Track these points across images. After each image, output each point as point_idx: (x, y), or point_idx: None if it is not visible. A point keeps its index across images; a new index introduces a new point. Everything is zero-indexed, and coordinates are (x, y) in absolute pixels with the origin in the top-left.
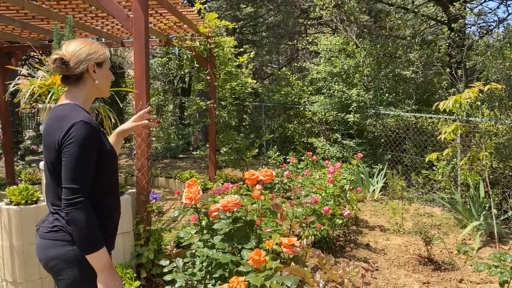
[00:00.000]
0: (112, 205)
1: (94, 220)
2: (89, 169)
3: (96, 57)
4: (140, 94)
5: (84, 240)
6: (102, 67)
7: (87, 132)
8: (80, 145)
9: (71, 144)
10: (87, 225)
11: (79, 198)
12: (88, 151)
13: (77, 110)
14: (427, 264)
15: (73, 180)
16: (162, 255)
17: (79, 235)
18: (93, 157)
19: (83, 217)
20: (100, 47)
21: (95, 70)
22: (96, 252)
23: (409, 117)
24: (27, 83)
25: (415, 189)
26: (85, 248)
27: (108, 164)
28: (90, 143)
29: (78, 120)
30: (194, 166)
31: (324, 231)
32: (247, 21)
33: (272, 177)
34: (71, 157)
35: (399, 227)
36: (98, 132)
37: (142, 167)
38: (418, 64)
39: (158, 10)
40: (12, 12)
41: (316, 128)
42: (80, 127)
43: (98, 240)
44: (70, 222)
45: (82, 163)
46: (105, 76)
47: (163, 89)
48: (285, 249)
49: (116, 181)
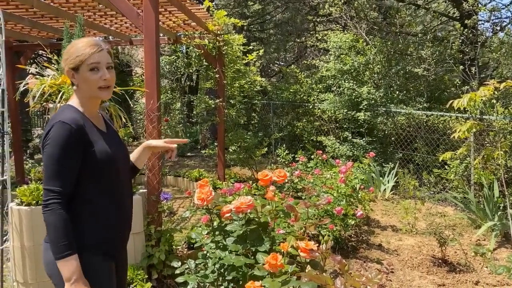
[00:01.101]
0: (110, 208)
1: (67, 224)
2: (67, 170)
3: (70, 62)
4: (151, 93)
5: (53, 244)
6: (78, 71)
7: (64, 132)
8: (56, 146)
9: (48, 145)
10: (57, 229)
11: (52, 200)
12: (64, 152)
13: (64, 111)
14: (442, 265)
15: (49, 181)
16: (173, 255)
17: (50, 239)
18: (72, 158)
19: (54, 219)
20: (75, 48)
21: (73, 75)
22: (63, 259)
23: (420, 115)
24: (37, 83)
25: (427, 188)
26: (54, 252)
27: (103, 167)
28: (67, 143)
29: (56, 121)
30: (202, 165)
31: (336, 231)
32: (254, 18)
33: (286, 178)
34: (47, 158)
35: (411, 227)
36: (82, 133)
37: (153, 167)
38: (430, 61)
39: (167, 8)
40: (22, 10)
41: (326, 126)
42: (57, 127)
43: (67, 246)
44: (45, 224)
45: (58, 164)
46: (83, 80)
47: (170, 87)
48: (303, 254)
49: (116, 184)
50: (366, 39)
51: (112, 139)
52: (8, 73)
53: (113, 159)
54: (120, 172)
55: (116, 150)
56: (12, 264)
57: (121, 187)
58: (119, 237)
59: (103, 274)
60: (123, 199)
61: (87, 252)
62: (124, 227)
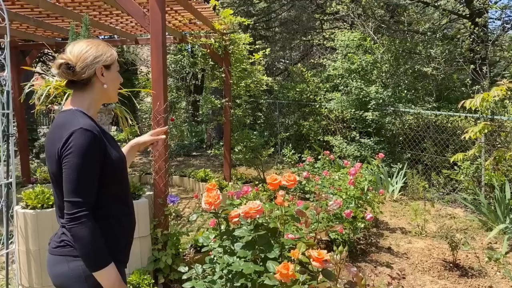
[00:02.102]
0: (122, 215)
1: (99, 235)
2: (92, 180)
3: (104, 59)
4: (158, 94)
5: (90, 257)
6: (110, 69)
7: (87, 139)
8: (80, 155)
9: (70, 154)
10: (91, 241)
11: (81, 212)
12: (89, 160)
13: (78, 117)
14: (453, 269)
15: (74, 193)
16: (180, 260)
17: (84, 252)
18: (95, 166)
19: (87, 232)
20: (107, 48)
21: (103, 73)
22: (103, 269)
23: (429, 115)
24: (43, 84)
25: (436, 189)
26: (91, 265)
27: (116, 172)
28: (91, 151)
29: (77, 128)
30: (208, 164)
31: (346, 235)
32: (260, 16)
33: (296, 182)
34: (71, 168)
35: (421, 229)
36: (101, 138)
37: (160, 170)
38: (439, 59)
39: (173, 7)
40: (27, 10)
41: (333, 126)
42: (79, 135)
43: (104, 256)
44: (74, 238)
45: (84, 174)
46: (113, 79)
47: (175, 86)
48: (315, 263)
49: (126, 189)
50: (373, 38)
51: (112, 141)
52: (14, 73)
53: (122, 163)
54: (126, 176)
55: (120, 153)
56: (17, 268)
57: (128, 191)
58: (130, 242)
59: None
60: (131, 203)
61: None
62: (133, 232)
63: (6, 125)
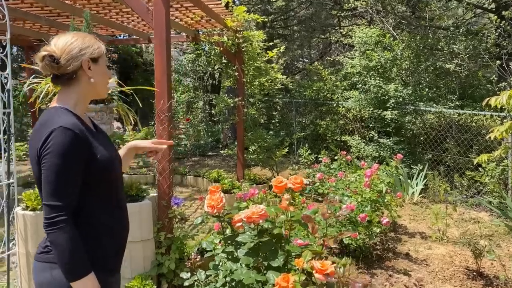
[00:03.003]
0: (112, 218)
1: (78, 242)
2: (73, 182)
3: (91, 51)
4: (161, 93)
5: (66, 265)
6: (98, 62)
7: (67, 139)
8: (59, 155)
9: (49, 154)
10: (68, 249)
11: (60, 217)
12: (69, 161)
13: (61, 114)
14: (477, 278)
15: (53, 196)
16: (183, 265)
17: (60, 260)
18: (77, 167)
19: (64, 239)
20: (94, 40)
21: (90, 67)
22: (79, 280)
23: (452, 114)
24: (42, 83)
25: (459, 192)
26: (67, 274)
27: (104, 172)
28: (71, 151)
29: (56, 127)
30: (222, 165)
31: (360, 240)
32: (277, 15)
33: (302, 185)
34: (50, 169)
35: (442, 234)
36: (84, 137)
37: (164, 171)
38: (463, 55)
39: (183, 4)
40: (37, 9)
41: (350, 125)
42: (59, 133)
43: (81, 265)
44: (51, 244)
45: (63, 176)
46: (101, 73)
47: (193, 86)
48: (318, 275)
49: (117, 190)
50: (393, 34)
51: (103, 140)
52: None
53: (112, 164)
54: (118, 177)
55: (112, 152)
56: (18, 271)
57: (120, 193)
58: (121, 247)
59: None
60: (123, 207)
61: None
62: (126, 236)
63: (7, 124)
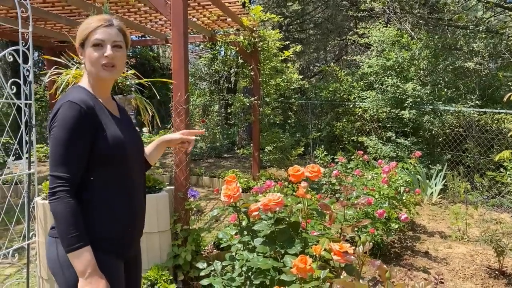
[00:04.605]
0: (116, 201)
1: (76, 214)
2: (76, 155)
3: (80, 38)
4: (179, 84)
5: (62, 234)
6: (84, 47)
7: (72, 113)
8: (64, 128)
9: (55, 127)
10: (66, 219)
11: (60, 187)
12: (72, 134)
13: (73, 91)
14: (499, 277)
15: (56, 167)
16: (200, 256)
17: (58, 229)
18: (81, 142)
19: (62, 208)
20: (85, 23)
21: (81, 53)
22: (75, 251)
23: (472, 113)
24: (63, 74)
25: (479, 192)
26: (63, 244)
27: (113, 154)
28: (76, 125)
29: (65, 101)
30: (238, 166)
31: (378, 236)
32: (293, 18)
33: (320, 174)
34: (54, 141)
35: (462, 234)
36: (93, 114)
37: (181, 163)
38: (483, 53)
39: (200, 2)
40: (58, 8)
41: (367, 126)
42: (66, 108)
43: (78, 237)
44: (52, 214)
45: (66, 148)
46: (88, 56)
47: (209, 90)
48: (336, 257)
49: (128, 175)
50: (411, 33)
51: (125, 126)
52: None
53: (124, 146)
54: (129, 161)
55: (128, 137)
56: (38, 259)
57: (131, 178)
58: (126, 233)
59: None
60: (133, 192)
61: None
62: (133, 223)
63: (29, 115)
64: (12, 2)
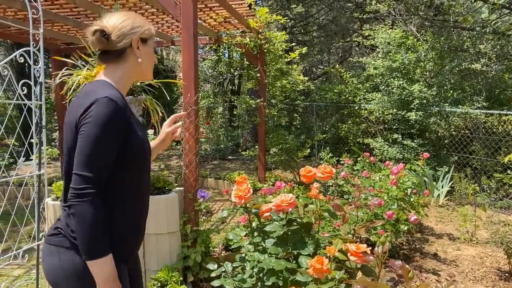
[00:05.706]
0: (133, 209)
1: (103, 219)
2: (107, 156)
3: (142, 31)
4: (188, 85)
5: (87, 242)
6: (147, 43)
7: (111, 110)
8: (99, 125)
9: (88, 123)
10: (93, 224)
11: (89, 189)
12: (109, 133)
13: (106, 86)
14: (509, 279)
15: (85, 166)
16: (210, 257)
17: (81, 234)
18: (114, 142)
19: (91, 212)
20: (145, 21)
21: (139, 46)
22: (99, 259)
23: (478, 115)
24: (74, 75)
25: (487, 194)
26: (86, 252)
27: (137, 158)
28: (112, 124)
29: (102, 96)
30: (243, 168)
31: (388, 238)
32: (297, 21)
33: (332, 174)
34: (86, 138)
35: (471, 236)
36: (127, 114)
37: (190, 164)
38: (490, 55)
39: (207, 4)
40: (66, 10)
41: (373, 128)
42: (103, 104)
43: (103, 244)
44: (75, 217)
45: (99, 147)
46: (149, 55)
47: (213, 92)
48: (353, 258)
49: (144, 183)
50: (417, 35)
51: (140, 126)
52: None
53: (147, 150)
54: (147, 167)
55: (146, 140)
56: None
57: (147, 183)
58: (137, 240)
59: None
60: (146, 198)
61: None
62: (143, 228)
63: (39, 116)
64: (20, 4)
